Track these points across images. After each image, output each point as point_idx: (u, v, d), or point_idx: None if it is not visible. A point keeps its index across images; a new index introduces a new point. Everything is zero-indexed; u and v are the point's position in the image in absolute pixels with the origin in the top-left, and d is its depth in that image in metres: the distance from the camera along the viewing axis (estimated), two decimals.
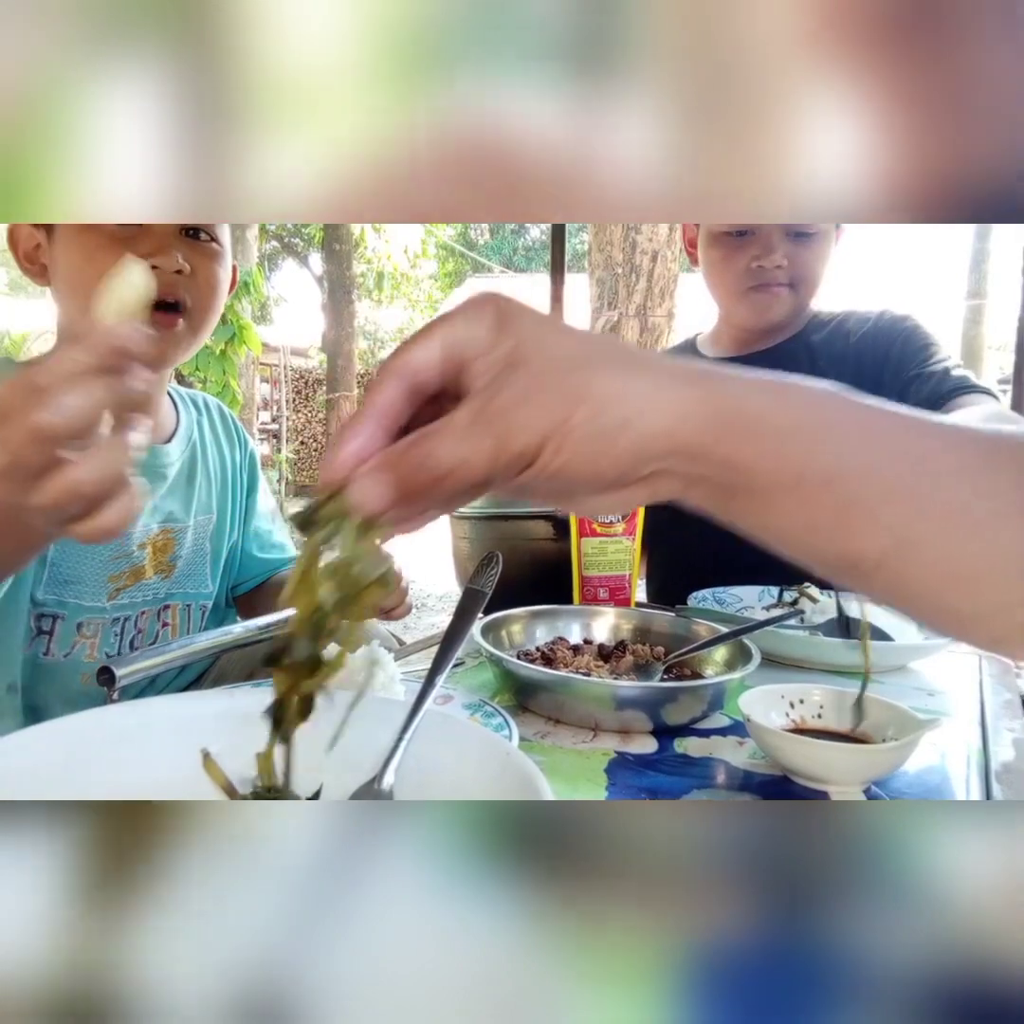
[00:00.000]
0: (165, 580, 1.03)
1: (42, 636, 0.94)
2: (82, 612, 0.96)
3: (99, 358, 0.44)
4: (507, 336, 0.35)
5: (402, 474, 0.34)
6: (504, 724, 0.67)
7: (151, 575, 1.01)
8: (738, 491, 0.37)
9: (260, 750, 0.51)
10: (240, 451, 1.16)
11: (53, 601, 0.94)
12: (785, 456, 0.35)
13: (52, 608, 0.94)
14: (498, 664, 0.80)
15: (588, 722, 0.75)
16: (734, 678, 0.75)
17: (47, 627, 0.94)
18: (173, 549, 1.03)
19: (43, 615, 0.94)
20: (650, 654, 0.88)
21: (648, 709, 0.73)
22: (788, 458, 0.35)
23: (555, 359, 0.34)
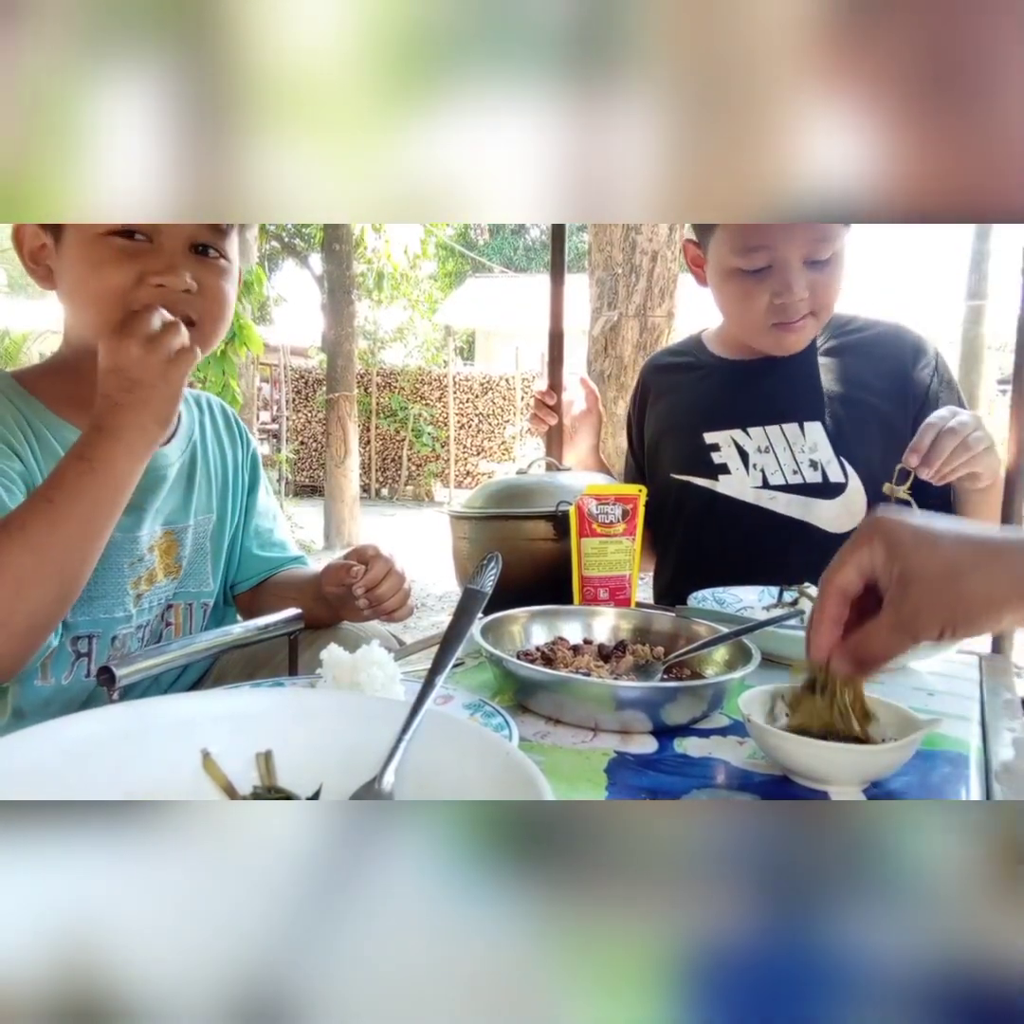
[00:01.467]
0: (173, 581, 1.04)
1: (81, 659, 0.93)
2: (114, 625, 0.96)
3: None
4: (896, 560, 0.56)
5: (857, 659, 0.59)
6: (504, 724, 0.67)
7: (162, 578, 1.01)
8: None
9: (260, 750, 0.51)
10: (242, 449, 1.16)
11: (85, 622, 0.93)
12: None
13: (87, 629, 0.94)
14: (498, 664, 0.80)
15: (588, 722, 0.75)
16: (734, 678, 0.75)
17: (85, 649, 0.94)
18: (177, 550, 1.04)
19: (78, 637, 0.93)
20: (650, 654, 0.88)
21: (648, 709, 0.73)
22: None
23: (934, 576, 0.54)
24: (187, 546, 1.05)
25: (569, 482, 1.17)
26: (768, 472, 1.31)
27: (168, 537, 1.02)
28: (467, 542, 1.19)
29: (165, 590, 1.02)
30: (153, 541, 1.00)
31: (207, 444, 1.10)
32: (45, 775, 0.45)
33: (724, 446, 1.34)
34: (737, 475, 1.33)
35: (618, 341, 4.06)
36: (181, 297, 0.90)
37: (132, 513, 0.96)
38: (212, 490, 1.10)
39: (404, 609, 1.01)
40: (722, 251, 1.26)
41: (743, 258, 1.22)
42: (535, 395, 1.54)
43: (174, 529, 1.03)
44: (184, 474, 1.05)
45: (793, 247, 1.19)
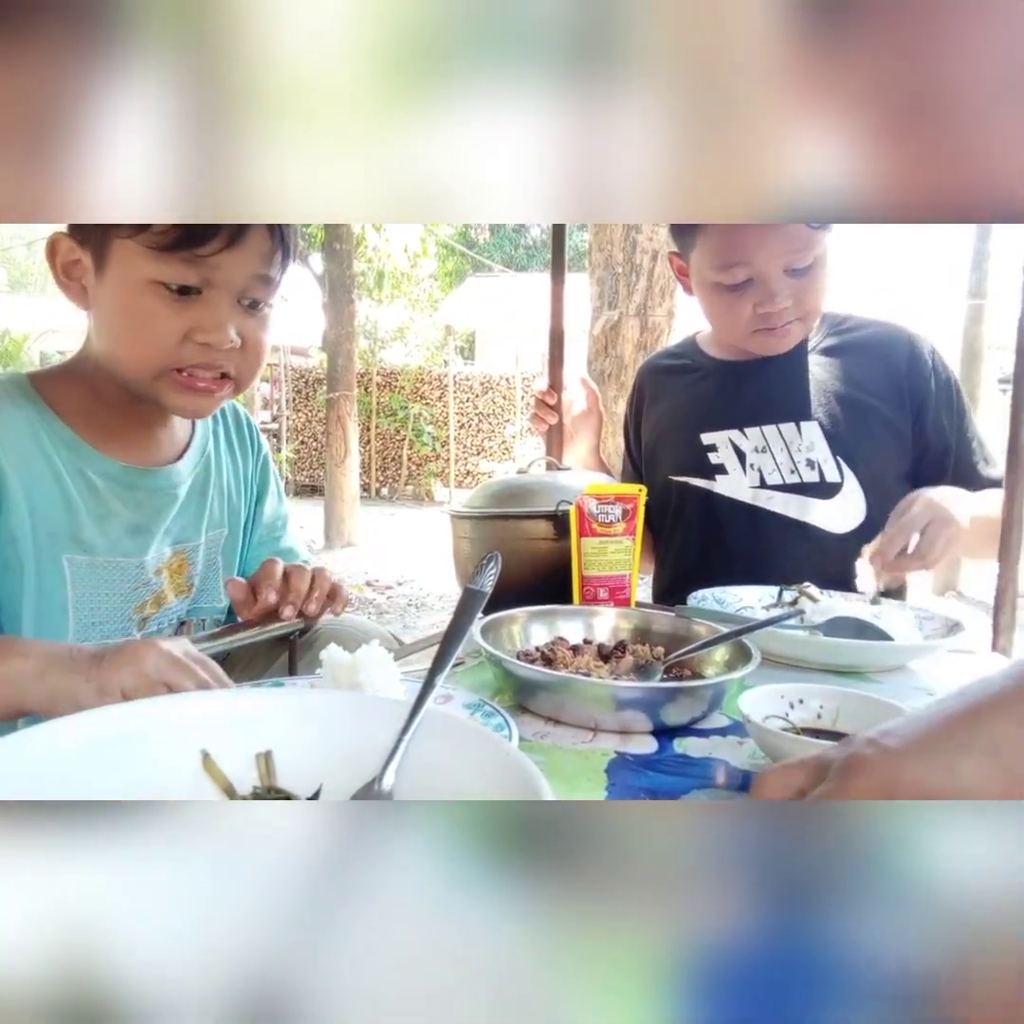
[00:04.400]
0: (185, 599, 1.02)
1: None
2: None
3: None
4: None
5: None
6: (504, 724, 0.67)
7: (172, 599, 0.99)
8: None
9: (260, 750, 0.51)
10: (253, 457, 1.14)
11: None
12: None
13: None
14: (498, 664, 0.80)
15: (588, 722, 0.75)
16: (734, 678, 0.76)
17: None
18: (188, 569, 1.01)
19: None
20: (650, 654, 0.88)
21: (648, 709, 0.73)
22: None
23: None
24: (198, 564, 1.03)
25: (569, 482, 1.17)
26: (765, 472, 1.31)
27: (178, 557, 1.00)
28: (467, 542, 1.19)
29: (176, 610, 1.00)
30: (161, 563, 0.98)
31: (220, 456, 1.08)
32: (45, 775, 0.45)
33: (721, 447, 1.35)
34: (734, 475, 1.33)
35: (618, 340, 4.06)
36: (223, 354, 0.89)
37: (138, 537, 0.94)
38: (224, 504, 1.07)
39: (340, 605, 0.94)
40: (702, 266, 1.26)
41: (723, 273, 1.22)
42: (535, 394, 1.54)
43: (185, 548, 1.01)
44: (196, 490, 1.03)
45: (772, 258, 1.18)
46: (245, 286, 0.89)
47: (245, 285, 0.88)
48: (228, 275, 0.86)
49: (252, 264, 0.88)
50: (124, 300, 0.86)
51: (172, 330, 0.86)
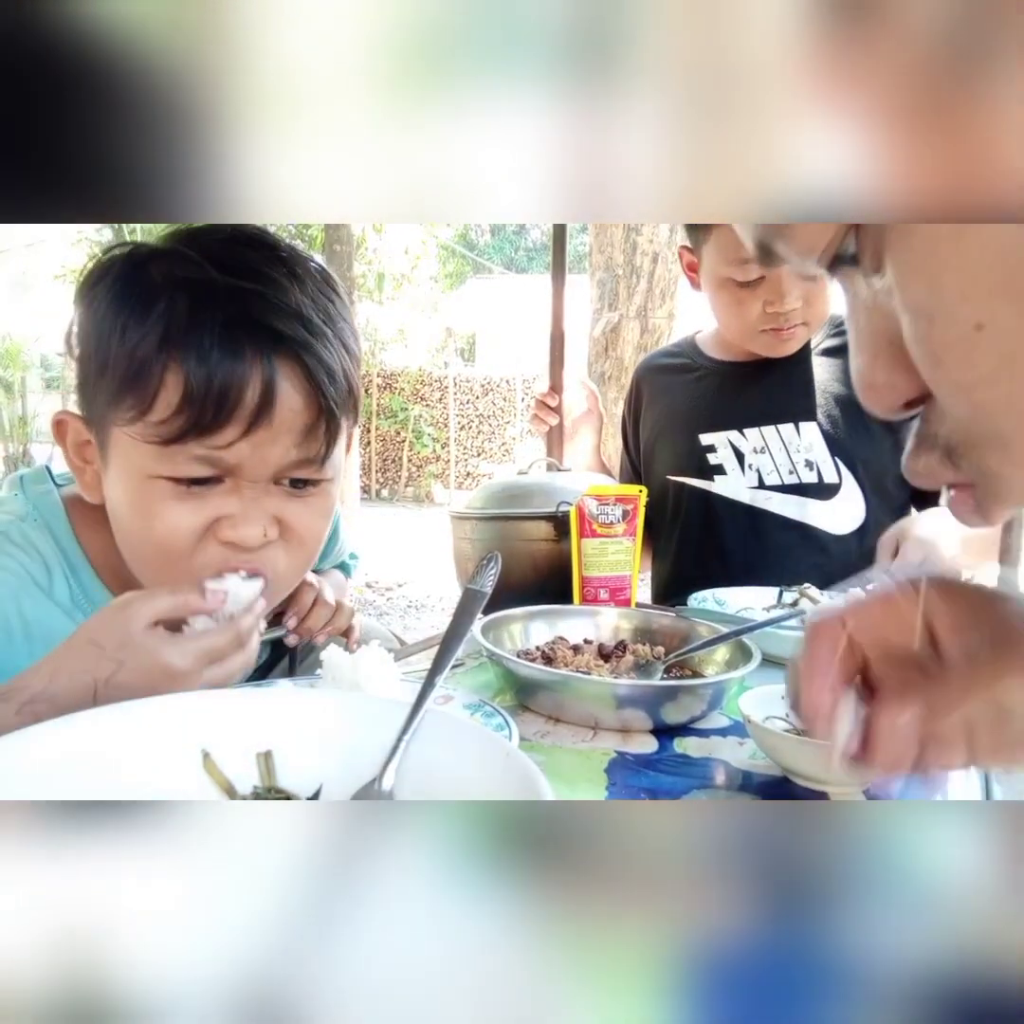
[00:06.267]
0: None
1: None
2: None
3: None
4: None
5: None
6: (504, 724, 0.67)
7: None
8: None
9: (260, 750, 0.51)
10: None
11: None
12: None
13: None
14: (498, 664, 0.80)
15: (588, 721, 0.75)
16: (734, 678, 0.75)
17: None
18: None
19: None
20: (650, 654, 0.88)
21: (648, 708, 0.73)
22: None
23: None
24: None
25: (569, 483, 1.17)
26: (764, 472, 1.31)
27: None
28: (468, 542, 1.19)
29: None
30: None
31: None
32: (45, 775, 0.45)
33: (720, 447, 1.35)
34: (733, 476, 1.33)
35: (619, 342, 4.06)
36: (255, 554, 0.71)
37: None
38: None
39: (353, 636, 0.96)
40: (715, 260, 1.26)
41: (737, 269, 1.23)
42: (536, 396, 1.54)
43: None
44: None
45: None
46: (283, 469, 0.70)
47: (283, 469, 0.70)
48: (254, 464, 0.68)
49: (285, 446, 0.69)
50: (128, 496, 0.70)
51: (186, 529, 0.68)
